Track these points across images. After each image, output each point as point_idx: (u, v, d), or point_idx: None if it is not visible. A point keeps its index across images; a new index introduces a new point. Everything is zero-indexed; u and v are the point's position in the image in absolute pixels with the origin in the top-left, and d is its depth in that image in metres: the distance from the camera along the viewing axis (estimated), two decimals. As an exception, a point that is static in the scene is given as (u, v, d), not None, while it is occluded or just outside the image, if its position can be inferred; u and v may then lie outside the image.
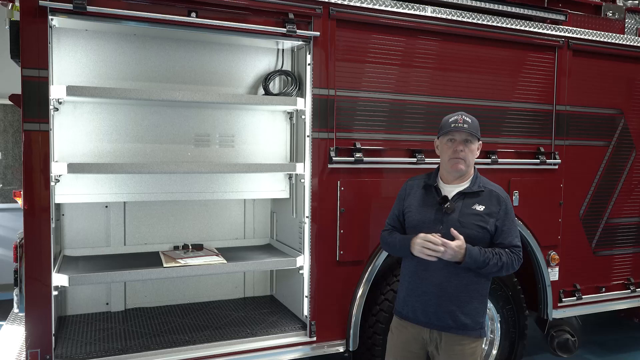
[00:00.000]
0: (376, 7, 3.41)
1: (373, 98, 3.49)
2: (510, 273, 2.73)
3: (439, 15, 3.60)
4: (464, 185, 2.73)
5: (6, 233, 6.60)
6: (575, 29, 4.09)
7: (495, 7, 3.80)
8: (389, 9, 3.45)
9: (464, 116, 2.71)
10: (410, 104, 3.61)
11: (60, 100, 3.19)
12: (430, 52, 3.65)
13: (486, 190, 2.73)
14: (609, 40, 4.21)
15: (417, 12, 3.53)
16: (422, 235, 2.58)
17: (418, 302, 2.71)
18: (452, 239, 2.55)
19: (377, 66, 3.50)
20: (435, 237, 2.54)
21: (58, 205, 3.43)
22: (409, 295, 2.76)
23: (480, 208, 2.67)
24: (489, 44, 3.81)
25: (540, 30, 3.94)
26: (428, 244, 2.54)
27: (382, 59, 3.51)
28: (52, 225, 2.85)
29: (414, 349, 2.75)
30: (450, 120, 2.73)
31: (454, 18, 3.64)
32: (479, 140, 2.74)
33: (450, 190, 2.73)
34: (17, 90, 3.08)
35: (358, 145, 3.42)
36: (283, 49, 3.76)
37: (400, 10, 3.48)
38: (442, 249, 2.51)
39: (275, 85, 3.74)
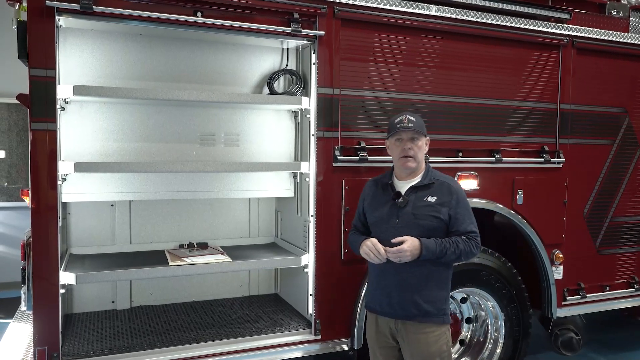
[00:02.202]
0: (381, 6, 3.42)
1: (377, 97, 3.50)
2: (471, 259, 2.92)
3: (443, 14, 3.60)
4: (416, 180, 2.88)
5: (12, 231, 6.64)
6: (579, 27, 4.09)
7: (500, 5, 3.80)
8: (393, 8, 3.45)
9: (408, 115, 2.85)
10: (414, 102, 3.61)
11: (67, 100, 3.21)
12: (434, 51, 3.66)
13: (437, 182, 2.86)
14: (613, 39, 4.20)
15: (421, 11, 3.54)
16: (373, 240, 2.79)
17: (383, 294, 2.87)
18: (408, 232, 2.73)
19: (381, 65, 3.50)
20: (382, 249, 2.73)
21: (64, 204, 3.45)
22: (375, 289, 2.94)
23: (432, 199, 2.80)
24: (494, 43, 3.81)
25: (545, 29, 3.94)
26: (370, 253, 2.77)
27: (387, 58, 3.52)
28: (59, 223, 2.87)
29: (386, 339, 2.92)
30: (395, 121, 2.87)
31: (458, 17, 3.65)
32: (425, 136, 2.89)
33: (403, 186, 2.89)
34: (22, 89, 3.11)
35: (363, 145, 3.43)
36: (288, 48, 3.77)
37: (404, 9, 3.48)
38: (383, 259, 2.73)
39: (280, 84, 3.75)
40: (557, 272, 4.09)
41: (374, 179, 3.08)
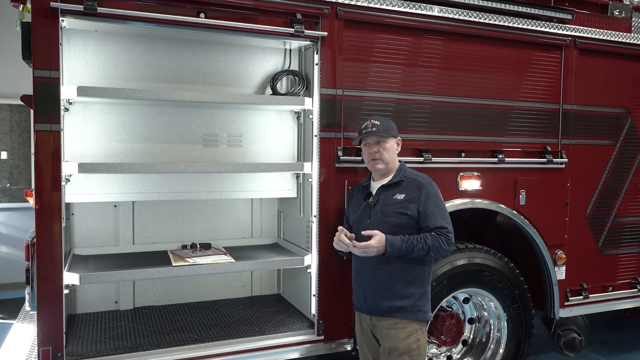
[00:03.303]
0: (383, 6, 3.42)
1: (380, 98, 3.51)
2: (445, 255, 3.01)
3: (445, 15, 3.61)
4: (386, 180, 2.98)
5: (14, 232, 6.65)
6: (582, 28, 4.09)
7: (502, 6, 3.80)
8: (396, 8, 3.46)
9: (372, 120, 2.96)
10: (416, 103, 3.62)
11: (70, 101, 3.22)
12: (436, 51, 3.66)
13: (407, 179, 2.94)
14: (615, 39, 4.21)
15: (424, 12, 3.54)
16: (339, 228, 2.94)
17: (360, 291, 3.00)
18: (379, 227, 2.81)
19: (384, 66, 3.51)
20: (345, 238, 2.86)
21: (68, 205, 3.45)
22: (354, 286, 3.07)
23: (400, 196, 2.89)
24: (496, 44, 3.82)
25: (547, 30, 3.94)
26: (338, 241, 2.90)
27: (389, 58, 3.52)
28: (63, 224, 2.88)
29: (368, 335, 3.02)
30: (362, 126, 2.99)
31: (461, 17, 3.65)
32: (394, 137, 2.98)
33: (377, 186, 3.01)
34: (25, 91, 3.12)
35: (365, 145, 3.44)
36: (290, 49, 3.77)
37: (407, 10, 3.49)
38: (349, 246, 2.83)
39: (282, 85, 3.76)
40: (560, 273, 4.09)
41: (357, 183, 3.21)
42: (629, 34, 4.31)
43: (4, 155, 6.67)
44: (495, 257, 3.80)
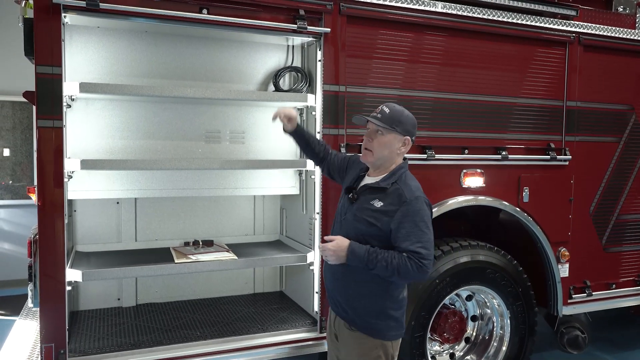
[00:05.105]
0: (386, 2, 3.40)
1: (383, 94, 3.49)
2: (415, 281, 2.55)
3: (449, 11, 3.58)
4: (374, 180, 2.58)
5: (17, 229, 6.66)
6: (586, 24, 4.06)
7: (506, 2, 3.77)
8: (399, 4, 3.44)
9: (383, 107, 2.53)
10: (420, 100, 3.60)
11: (73, 97, 3.22)
12: (440, 48, 3.64)
13: (394, 187, 2.49)
14: (620, 36, 4.18)
15: (427, 8, 3.53)
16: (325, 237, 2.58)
17: (327, 289, 2.74)
18: (345, 231, 2.51)
19: (387, 62, 3.49)
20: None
21: (70, 202, 3.45)
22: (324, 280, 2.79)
23: (378, 204, 2.47)
24: (499, 40, 3.79)
25: (551, 26, 3.92)
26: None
27: (393, 55, 3.51)
28: (65, 221, 2.87)
29: (333, 338, 2.74)
30: (376, 109, 2.59)
31: (464, 14, 3.63)
32: (399, 134, 2.51)
33: (365, 181, 2.63)
34: (27, 87, 3.12)
35: (368, 142, 3.42)
36: (293, 46, 3.76)
37: (410, 6, 3.47)
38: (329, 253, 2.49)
39: (285, 81, 3.74)
40: (563, 270, 4.07)
41: (359, 157, 2.74)
42: (633, 30, 4.27)
43: (7, 152, 6.67)
44: (499, 255, 3.78)
